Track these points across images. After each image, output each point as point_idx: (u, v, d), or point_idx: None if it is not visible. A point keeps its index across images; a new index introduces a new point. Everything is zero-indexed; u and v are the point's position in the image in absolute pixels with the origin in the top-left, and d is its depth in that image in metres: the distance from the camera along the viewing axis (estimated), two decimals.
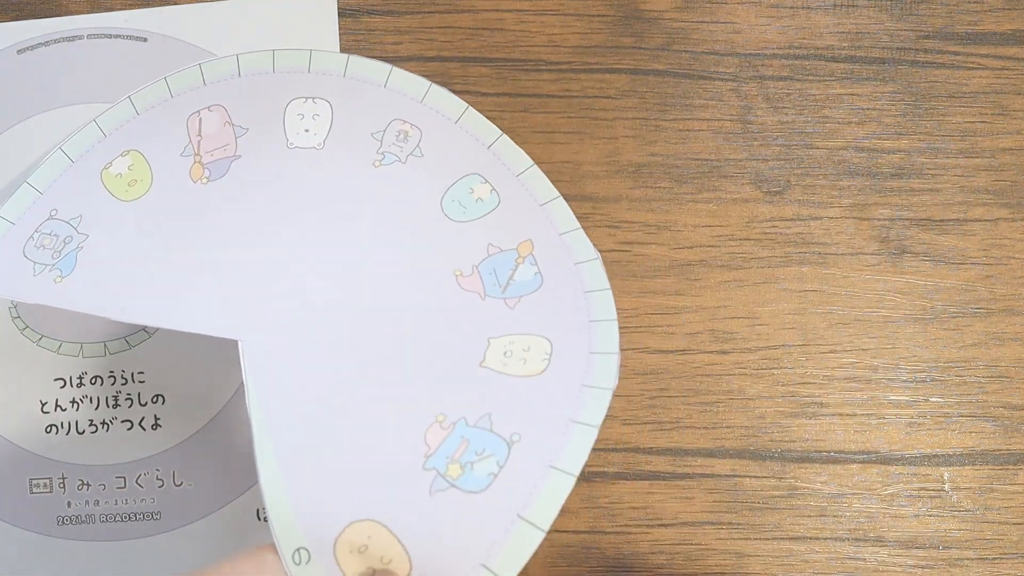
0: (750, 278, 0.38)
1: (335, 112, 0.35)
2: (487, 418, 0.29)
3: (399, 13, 0.40)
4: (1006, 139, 0.39)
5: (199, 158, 0.34)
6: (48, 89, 0.39)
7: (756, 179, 0.39)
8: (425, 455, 0.29)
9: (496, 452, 0.29)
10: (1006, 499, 0.37)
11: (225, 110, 0.35)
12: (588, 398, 0.30)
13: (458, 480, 0.28)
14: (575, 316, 0.32)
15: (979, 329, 0.38)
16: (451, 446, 0.29)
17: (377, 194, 0.33)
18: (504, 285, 0.32)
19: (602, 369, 0.31)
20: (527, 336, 0.31)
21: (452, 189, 0.34)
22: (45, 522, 0.37)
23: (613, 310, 0.32)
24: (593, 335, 0.31)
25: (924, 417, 0.38)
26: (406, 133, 0.35)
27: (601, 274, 0.33)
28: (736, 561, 0.37)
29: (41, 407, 0.38)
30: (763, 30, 0.40)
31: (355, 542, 0.28)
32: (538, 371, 0.30)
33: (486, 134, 0.35)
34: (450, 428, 0.29)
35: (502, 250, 0.33)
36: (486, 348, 0.31)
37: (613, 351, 0.31)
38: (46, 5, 0.40)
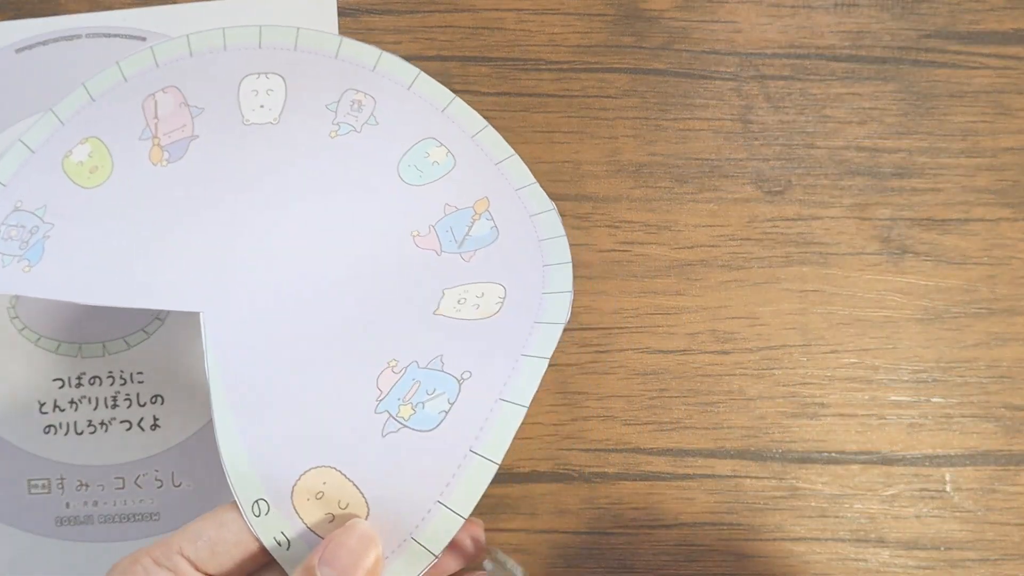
0: (751, 278, 0.38)
1: (288, 86, 0.35)
2: (439, 360, 0.30)
3: (399, 12, 0.40)
4: (1008, 139, 0.39)
5: (157, 140, 0.35)
6: (46, 88, 0.39)
7: (757, 179, 0.39)
8: (377, 399, 0.29)
9: (447, 390, 0.29)
10: (1008, 500, 0.37)
11: (179, 91, 0.35)
12: (539, 333, 0.30)
13: (410, 420, 0.29)
14: (530, 262, 0.32)
15: (981, 329, 0.38)
16: (403, 388, 0.29)
17: (334, 164, 0.34)
18: (460, 240, 0.33)
19: (554, 307, 0.31)
20: (481, 284, 0.32)
21: (408, 154, 0.34)
22: (44, 523, 0.37)
23: (567, 254, 0.32)
24: (547, 277, 0.32)
25: (926, 418, 0.37)
26: (360, 103, 0.35)
27: (556, 223, 0.33)
28: (737, 562, 0.37)
29: (40, 407, 0.38)
30: (764, 29, 0.39)
31: (311, 489, 0.28)
32: (491, 313, 0.31)
33: (440, 98, 0.36)
34: (402, 372, 0.30)
35: (458, 208, 0.33)
36: (440, 298, 0.31)
37: (566, 290, 0.31)
38: (45, 4, 0.40)
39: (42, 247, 0.33)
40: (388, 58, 0.36)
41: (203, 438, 0.37)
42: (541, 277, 0.32)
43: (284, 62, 0.36)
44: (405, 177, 0.34)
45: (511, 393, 0.29)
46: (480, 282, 0.32)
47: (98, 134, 0.35)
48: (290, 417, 0.29)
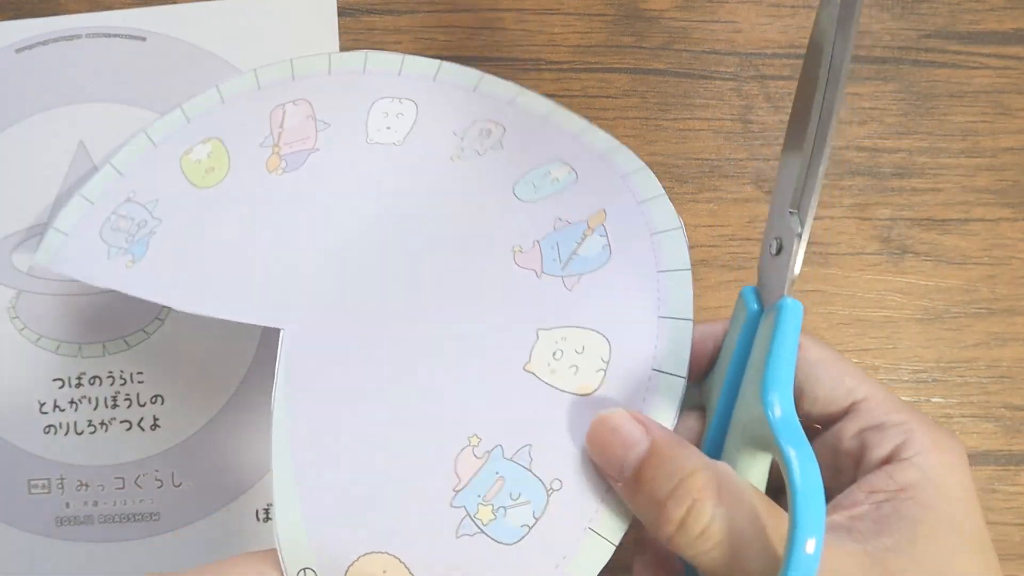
0: (751, 278, 0.38)
1: (420, 112, 0.34)
2: (526, 452, 0.26)
3: (399, 12, 0.40)
4: (1008, 139, 0.39)
5: (278, 149, 0.33)
6: (46, 88, 0.39)
7: (757, 179, 0.39)
8: (454, 489, 0.26)
9: (533, 499, 0.25)
10: (1008, 500, 0.37)
11: (310, 105, 0.34)
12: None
13: (488, 527, 0.25)
14: (642, 305, 0.27)
15: (981, 329, 0.38)
16: (484, 483, 0.26)
17: (449, 185, 0.31)
18: (565, 261, 0.28)
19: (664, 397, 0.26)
20: (582, 331, 0.27)
21: (529, 174, 0.31)
22: (44, 523, 0.37)
23: (690, 306, 0.27)
24: (660, 340, 0.27)
25: None
26: (489, 131, 0.33)
27: (682, 247, 0.28)
28: None
29: (40, 407, 0.38)
30: (764, 29, 0.39)
31: (369, 574, 0.25)
32: (590, 388, 0.27)
33: (574, 125, 0.33)
34: (484, 458, 0.26)
35: (570, 223, 0.29)
36: (534, 343, 0.27)
37: (681, 374, 0.26)
38: (45, 4, 0.40)
39: (147, 243, 0.32)
40: (527, 93, 0.34)
41: (203, 438, 0.37)
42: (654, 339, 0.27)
43: (421, 90, 0.35)
44: (520, 194, 0.31)
45: (602, 524, 0.25)
46: (581, 327, 0.27)
47: (221, 136, 0.34)
48: (356, 485, 0.26)
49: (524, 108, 0.34)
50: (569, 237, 0.29)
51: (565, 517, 0.25)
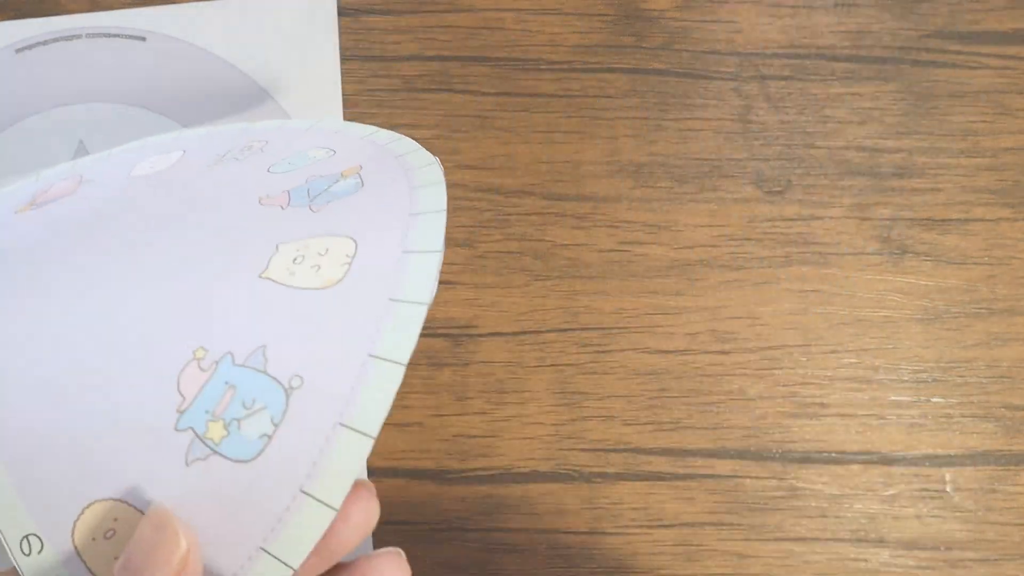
0: (751, 278, 0.38)
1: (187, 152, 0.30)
2: (260, 353, 0.23)
3: (399, 12, 0.40)
4: (1008, 139, 0.39)
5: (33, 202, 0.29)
6: (46, 88, 0.39)
7: (757, 179, 0.39)
8: (178, 410, 0.22)
9: (271, 403, 0.22)
10: (1008, 500, 0.37)
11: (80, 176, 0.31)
12: (394, 318, 0.23)
13: (221, 445, 0.22)
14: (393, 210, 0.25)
15: (981, 329, 0.38)
16: (212, 395, 0.22)
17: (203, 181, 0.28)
18: (314, 196, 0.26)
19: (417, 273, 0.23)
20: (326, 237, 0.24)
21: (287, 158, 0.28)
22: None
23: (443, 202, 0.25)
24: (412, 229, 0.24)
25: (926, 418, 0.37)
26: (251, 146, 0.30)
27: (436, 172, 0.26)
28: (737, 562, 0.37)
29: None
30: (764, 29, 0.39)
31: (98, 526, 0.22)
32: (333, 280, 0.23)
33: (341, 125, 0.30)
34: (212, 368, 0.23)
35: (323, 176, 0.27)
36: (272, 255, 0.24)
37: (434, 248, 0.24)
38: (45, 4, 0.40)
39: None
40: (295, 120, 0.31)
41: None
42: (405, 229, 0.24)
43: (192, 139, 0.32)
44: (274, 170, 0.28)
45: (354, 416, 0.22)
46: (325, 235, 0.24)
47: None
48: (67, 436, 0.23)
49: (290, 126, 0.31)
50: (321, 183, 0.26)
51: (310, 417, 0.22)
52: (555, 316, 0.38)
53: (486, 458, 0.37)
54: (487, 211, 0.39)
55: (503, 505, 0.37)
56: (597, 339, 0.38)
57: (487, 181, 0.39)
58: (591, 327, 0.38)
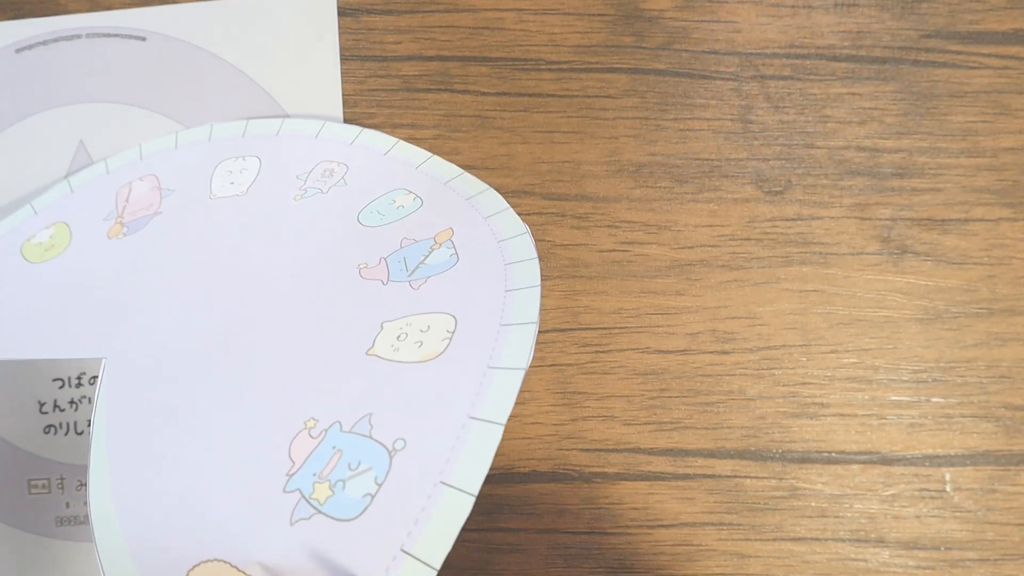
0: (751, 278, 0.38)
1: (263, 164, 0.34)
2: (366, 421, 0.24)
3: (399, 12, 0.40)
4: (1008, 138, 0.39)
5: (120, 219, 0.33)
6: (46, 88, 0.39)
7: (757, 179, 0.39)
8: (287, 474, 0.24)
9: (375, 464, 0.23)
10: (1008, 500, 0.37)
11: (156, 178, 0.35)
12: (493, 383, 0.24)
13: (326, 504, 0.23)
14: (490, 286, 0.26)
15: (981, 329, 0.38)
16: (319, 460, 0.24)
17: (293, 220, 0.31)
18: (412, 269, 0.27)
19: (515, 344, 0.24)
20: (428, 315, 0.26)
21: (374, 203, 0.31)
22: (43, 523, 0.37)
23: (536, 277, 0.26)
24: (509, 305, 0.25)
25: (926, 418, 0.37)
26: (332, 171, 0.33)
27: (528, 245, 0.28)
28: (737, 562, 0.37)
29: (40, 407, 0.38)
30: (764, 29, 0.39)
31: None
32: (435, 353, 0.25)
33: (416, 157, 0.34)
34: (320, 436, 0.24)
35: (416, 240, 0.28)
36: (377, 333, 0.26)
37: (530, 320, 0.25)
38: (45, 4, 0.40)
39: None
40: (368, 133, 0.34)
41: None
42: (502, 304, 0.26)
43: (264, 146, 0.35)
44: (365, 221, 0.30)
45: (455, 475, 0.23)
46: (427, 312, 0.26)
47: (66, 219, 0.35)
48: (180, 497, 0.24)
49: (366, 146, 0.33)
50: (416, 252, 0.28)
51: (412, 476, 0.23)
52: (555, 316, 0.38)
53: None
54: None
55: (503, 505, 0.37)
56: (597, 339, 0.38)
57: (487, 181, 0.39)
58: (591, 327, 0.38)
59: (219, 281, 0.29)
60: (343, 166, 0.33)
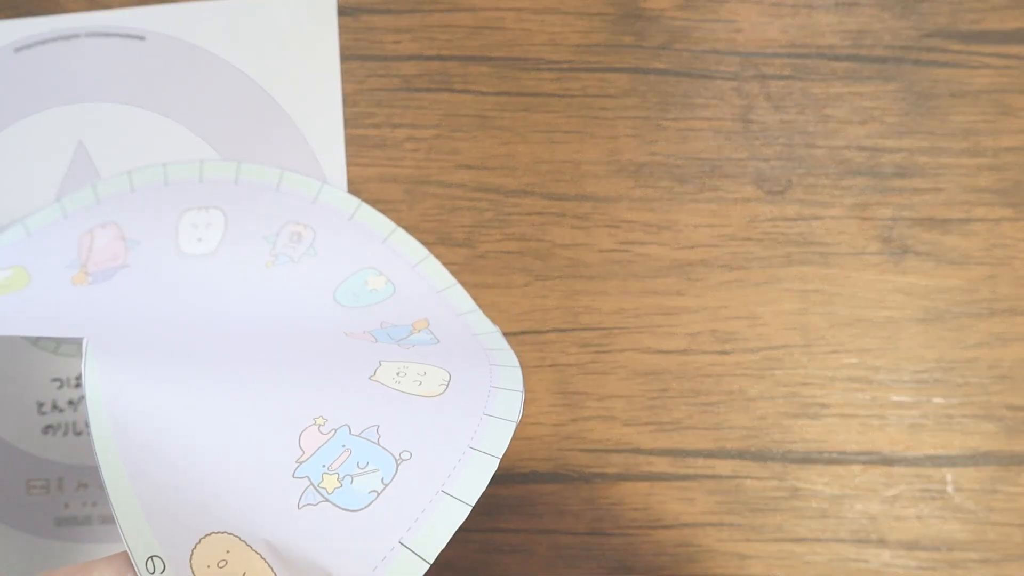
0: (751, 278, 0.38)
1: (228, 220, 0.35)
2: (374, 430, 0.26)
3: (399, 11, 0.40)
4: (1009, 138, 0.39)
5: (85, 268, 0.33)
6: (45, 88, 0.39)
7: (757, 178, 0.39)
8: (297, 461, 0.25)
9: (382, 467, 0.25)
10: (1010, 500, 0.37)
11: (118, 226, 0.35)
12: (490, 427, 0.27)
13: (333, 494, 0.25)
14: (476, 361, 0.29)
15: (982, 329, 0.38)
16: (330, 454, 0.26)
17: (268, 293, 0.32)
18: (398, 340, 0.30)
19: (506, 403, 0.28)
20: (423, 365, 0.28)
21: (346, 283, 0.33)
22: (43, 523, 0.37)
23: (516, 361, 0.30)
24: (496, 375, 0.29)
25: (927, 418, 0.37)
26: (299, 234, 0.34)
27: (502, 340, 0.31)
28: (737, 563, 0.37)
29: (39, 408, 0.38)
30: (764, 29, 0.39)
31: (212, 556, 0.25)
32: (435, 393, 0.27)
33: (380, 228, 0.35)
34: (331, 434, 0.26)
35: (395, 325, 0.31)
36: (377, 367, 0.28)
37: (517, 389, 0.28)
38: (43, 3, 0.40)
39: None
40: (328, 190, 0.36)
41: None
42: (489, 373, 0.29)
43: (225, 196, 0.36)
44: (342, 301, 0.32)
45: (456, 487, 0.25)
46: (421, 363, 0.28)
47: (23, 263, 0.34)
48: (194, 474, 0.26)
49: (329, 207, 0.35)
50: (398, 332, 0.31)
51: (417, 482, 0.25)
52: (555, 316, 0.38)
53: None
54: (487, 211, 0.39)
55: (503, 505, 0.37)
56: (597, 339, 0.38)
57: (487, 181, 0.39)
58: (591, 327, 0.38)
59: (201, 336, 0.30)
60: (310, 230, 0.34)
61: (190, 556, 0.25)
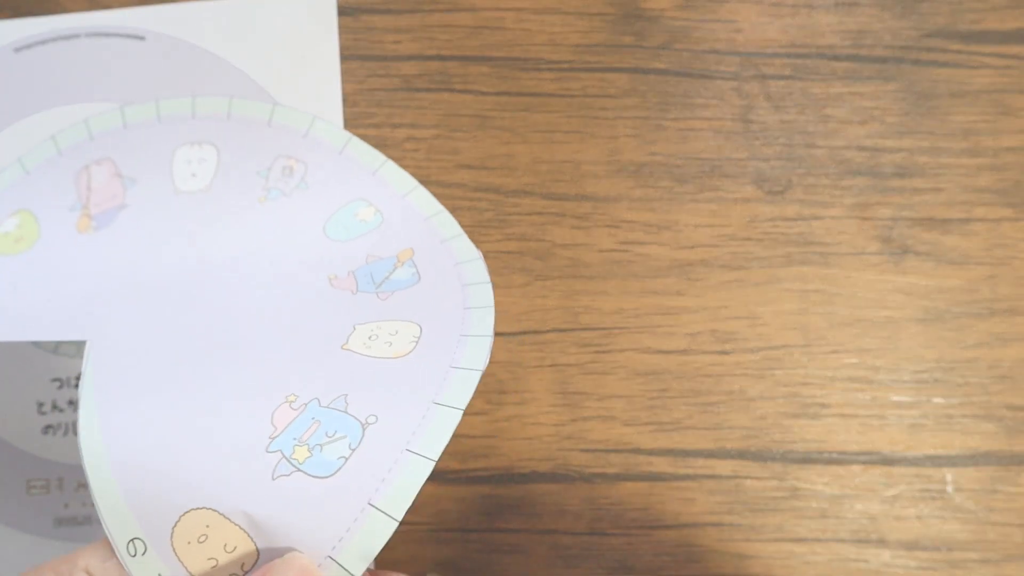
0: (751, 278, 0.38)
1: (220, 155, 0.36)
2: (342, 399, 0.28)
3: (399, 11, 0.40)
4: (1009, 138, 0.39)
5: (87, 210, 0.35)
6: (45, 88, 0.39)
7: (757, 178, 0.39)
8: (270, 436, 0.27)
9: (349, 434, 0.27)
10: (1010, 500, 0.37)
11: (113, 163, 0.36)
12: (454, 379, 0.28)
13: (304, 464, 0.26)
14: (451, 304, 0.30)
15: (982, 329, 0.38)
16: (300, 427, 0.27)
17: (261, 227, 0.34)
18: (379, 283, 0.31)
19: (473, 351, 0.29)
20: (396, 322, 0.30)
21: (336, 215, 0.34)
22: (42, 523, 0.37)
23: (490, 299, 0.31)
24: (467, 320, 0.30)
25: (927, 418, 0.37)
26: (291, 168, 0.35)
27: (482, 270, 0.32)
28: (737, 563, 0.37)
29: (39, 408, 0.38)
30: (764, 29, 0.39)
31: (192, 532, 0.26)
32: (403, 352, 0.29)
33: (371, 161, 0.36)
34: (301, 409, 0.28)
35: (381, 258, 0.32)
36: (350, 333, 0.29)
37: (486, 334, 0.29)
38: (43, 3, 0.40)
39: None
40: (320, 124, 0.37)
41: None
42: (461, 319, 0.30)
43: (217, 132, 0.36)
44: (331, 234, 0.33)
45: (419, 444, 0.27)
46: (395, 320, 0.30)
47: (29, 207, 0.35)
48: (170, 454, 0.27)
49: (320, 140, 0.36)
50: (381, 268, 0.32)
51: (382, 444, 0.27)
52: (555, 316, 0.38)
53: (486, 458, 0.37)
54: (487, 211, 0.39)
55: (503, 505, 0.37)
56: (597, 339, 0.38)
57: (487, 181, 0.39)
58: (591, 327, 0.38)
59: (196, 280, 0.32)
60: (302, 164, 0.35)
61: (171, 535, 0.26)
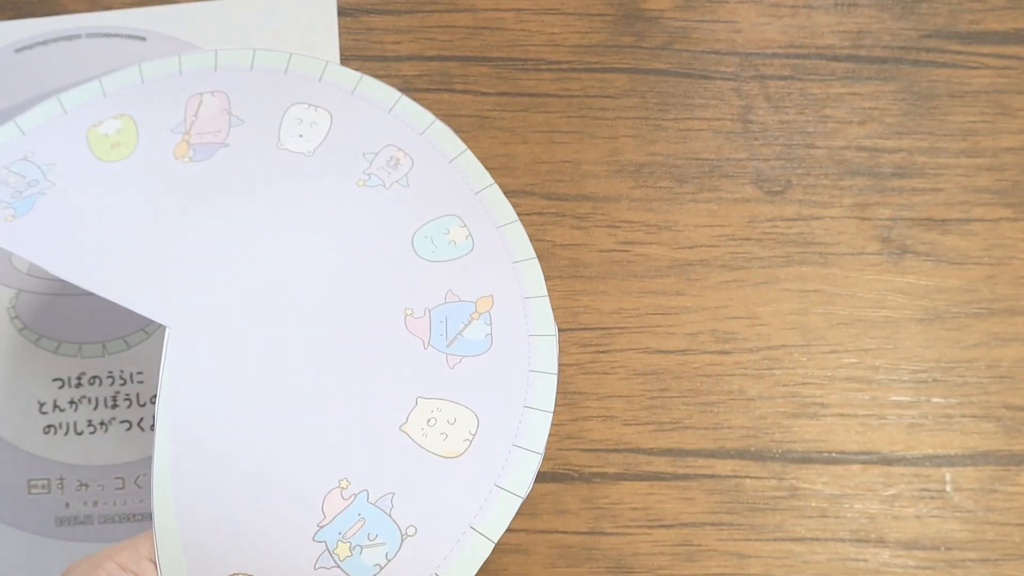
0: (751, 278, 0.38)
1: (334, 124, 0.35)
2: (389, 499, 0.29)
3: (399, 12, 0.40)
4: (1008, 138, 0.39)
5: (188, 137, 0.34)
6: (46, 88, 0.39)
7: (757, 179, 0.39)
8: (318, 524, 0.28)
9: (388, 542, 0.28)
10: (1008, 500, 0.37)
11: (227, 98, 0.35)
12: (495, 504, 0.29)
13: (344, 562, 0.28)
14: (511, 397, 0.31)
15: (981, 329, 0.38)
16: (346, 521, 0.28)
17: (353, 213, 0.33)
18: (451, 339, 0.31)
19: (518, 473, 0.30)
20: (457, 405, 0.30)
21: (428, 225, 0.33)
22: (43, 523, 0.37)
23: (551, 401, 0.31)
24: (521, 426, 0.30)
25: (926, 418, 0.37)
26: (398, 160, 0.34)
27: (553, 354, 0.32)
28: (737, 562, 0.37)
29: (39, 408, 0.38)
30: (764, 29, 0.39)
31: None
32: (455, 453, 0.30)
33: (478, 180, 0.34)
34: (350, 499, 0.29)
35: (460, 300, 0.32)
36: (412, 408, 0.30)
37: (537, 451, 0.30)
38: (45, 4, 0.40)
39: (33, 202, 0.32)
40: (440, 127, 0.35)
41: None
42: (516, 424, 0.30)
43: (338, 100, 0.35)
44: (418, 249, 0.33)
45: (449, 569, 0.28)
46: (456, 402, 0.30)
47: (134, 114, 0.34)
48: (229, 513, 0.29)
49: (434, 143, 0.35)
50: (457, 315, 0.32)
51: (414, 563, 0.28)
52: (555, 316, 0.38)
53: None
54: None
55: None
56: (597, 339, 0.38)
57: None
58: (591, 327, 0.38)
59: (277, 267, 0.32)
60: (409, 160, 0.34)
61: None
